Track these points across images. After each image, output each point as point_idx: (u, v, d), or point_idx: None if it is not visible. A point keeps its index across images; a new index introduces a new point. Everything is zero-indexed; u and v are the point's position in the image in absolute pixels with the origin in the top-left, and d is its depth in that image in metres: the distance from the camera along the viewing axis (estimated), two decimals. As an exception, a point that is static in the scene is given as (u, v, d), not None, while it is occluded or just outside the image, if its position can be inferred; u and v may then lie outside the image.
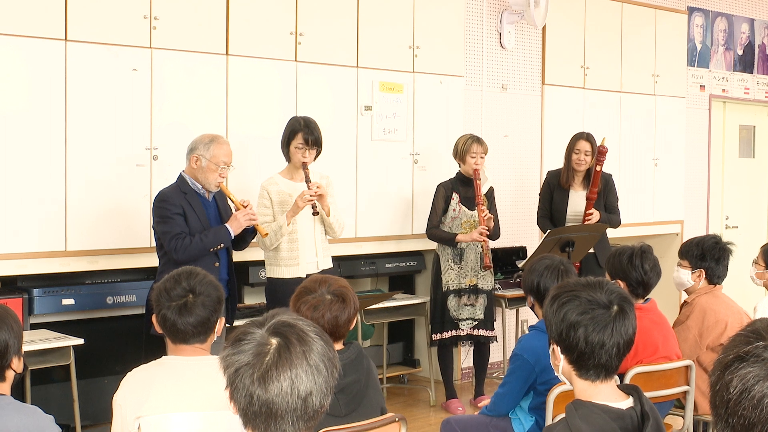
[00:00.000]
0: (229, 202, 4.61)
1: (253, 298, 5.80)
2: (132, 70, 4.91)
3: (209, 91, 5.22)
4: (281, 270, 4.87)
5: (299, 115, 5.20)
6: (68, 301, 4.81)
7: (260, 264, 5.31)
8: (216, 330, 2.78)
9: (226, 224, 4.46)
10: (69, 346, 4.49)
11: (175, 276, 2.77)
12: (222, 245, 4.45)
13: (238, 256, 5.12)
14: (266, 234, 4.64)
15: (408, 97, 6.17)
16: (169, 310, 2.71)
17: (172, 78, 5.06)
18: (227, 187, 4.63)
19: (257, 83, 5.41)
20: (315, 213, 4.82)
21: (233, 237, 4.48)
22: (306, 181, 4.79)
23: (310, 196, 4.73)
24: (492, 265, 5.77)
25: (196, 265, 3.13)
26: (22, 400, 4.42)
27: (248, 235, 4.65)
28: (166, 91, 5.04)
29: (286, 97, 5.53)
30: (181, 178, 4.51)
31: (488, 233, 5.62)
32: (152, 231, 4.66)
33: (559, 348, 2.29)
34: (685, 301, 4.40)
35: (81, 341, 4.54)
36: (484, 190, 5.74)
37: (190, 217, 4.41)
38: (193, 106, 5.14)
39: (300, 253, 4.87)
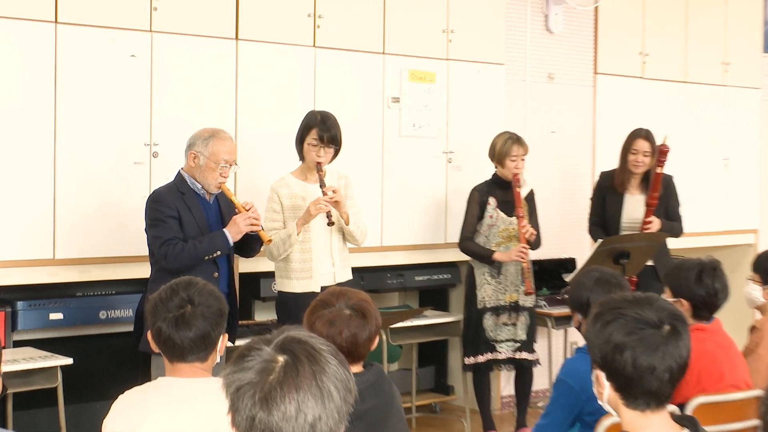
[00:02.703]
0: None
1: (264, 314, 5.82)
2: (130, 56, 4.97)
3: (217, 81, 5.27)
4: (292, 283, 4.88)
5: (318, 108, 5.24)
6: (56, 316, 4.86)
7: (273, 275, 5.34)
8: (218, 348, 2.81)
9: (224, 229, 4.45)
10: (57, 367, 4.55)
11: (172, 286, 2.80)
12: (218, 253, 4.44)
13: (248, 267, 5.16)
14: (269, 240, 4.62)
15: (441, 87, 6.19)
16: (165, 322, 2.73)
17: (175, 65, 5.12)
18: (229, 188, 4.60)
19: (271, 71, 5.46)
20: (330, 223, 4.79)
21: (232, 244, 4.47)
22: (320, 186, 4.77)
23: (325, 203, 4.73)
24: (534, 291, 5.76)
25: (193, 275, 3.15)
26: (4, 426, 4.48)
27: (254, 241, 4.64)
28: (168, 80, 5.09)
29: (303, 87, 5.57)
30: (179, 176, 4.53)
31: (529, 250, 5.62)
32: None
33: (603, 374, 2.30)
34: (753, 326, 4.34)
35: (70, 361, 4.60)
36: (523, 193, 5.73)
37: (187, 221, 4.41)
38: (199, 98, 5.19)
39: (314, 264, 4.87)
